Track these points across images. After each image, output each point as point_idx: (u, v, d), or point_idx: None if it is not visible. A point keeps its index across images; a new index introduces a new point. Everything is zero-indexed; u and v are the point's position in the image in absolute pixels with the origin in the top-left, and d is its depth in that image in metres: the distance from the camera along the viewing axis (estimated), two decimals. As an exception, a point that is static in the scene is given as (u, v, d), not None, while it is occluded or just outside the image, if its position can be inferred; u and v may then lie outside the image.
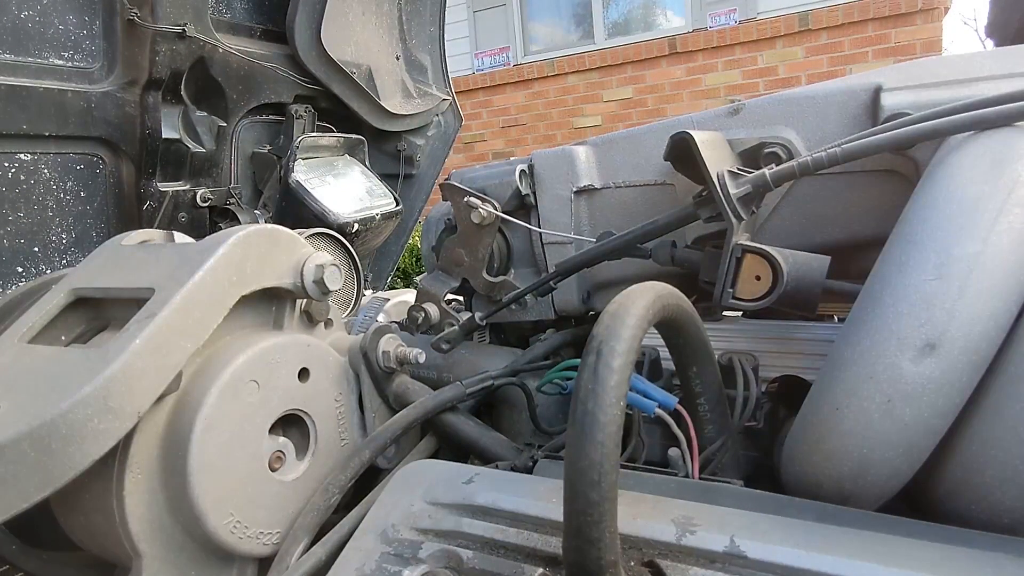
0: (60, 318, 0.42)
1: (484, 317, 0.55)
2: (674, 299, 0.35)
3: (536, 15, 6.03)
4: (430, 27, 1.19)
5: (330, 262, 0.46)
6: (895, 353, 0.36)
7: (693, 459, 0.43)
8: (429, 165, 1.23)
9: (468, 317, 0.56)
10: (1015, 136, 0.40)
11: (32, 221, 0.69)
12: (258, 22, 0.94)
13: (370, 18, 1.06)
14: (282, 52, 0.94)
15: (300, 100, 1.00)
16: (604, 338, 0.27)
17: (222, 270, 0.40)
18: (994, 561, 0.30)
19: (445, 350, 0.56)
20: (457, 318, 0.58)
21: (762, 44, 5.15)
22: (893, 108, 0.51)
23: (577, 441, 0.26)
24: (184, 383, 0.40)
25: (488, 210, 0.58)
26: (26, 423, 0.32)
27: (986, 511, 0.35)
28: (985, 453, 0.35)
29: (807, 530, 0.32)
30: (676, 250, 0.55)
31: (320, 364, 0.46)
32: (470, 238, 0.59)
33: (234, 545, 0.40)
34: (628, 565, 0.32)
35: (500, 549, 0.34)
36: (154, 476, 0.39)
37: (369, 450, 0.46)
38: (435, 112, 1.18)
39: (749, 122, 0.57)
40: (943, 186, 0.39)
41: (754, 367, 0.52)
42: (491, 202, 0.59)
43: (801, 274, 0.46)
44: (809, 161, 0.46)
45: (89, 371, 0.34)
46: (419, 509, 0.38)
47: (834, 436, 0.37)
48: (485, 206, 0.58)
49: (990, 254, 0.35)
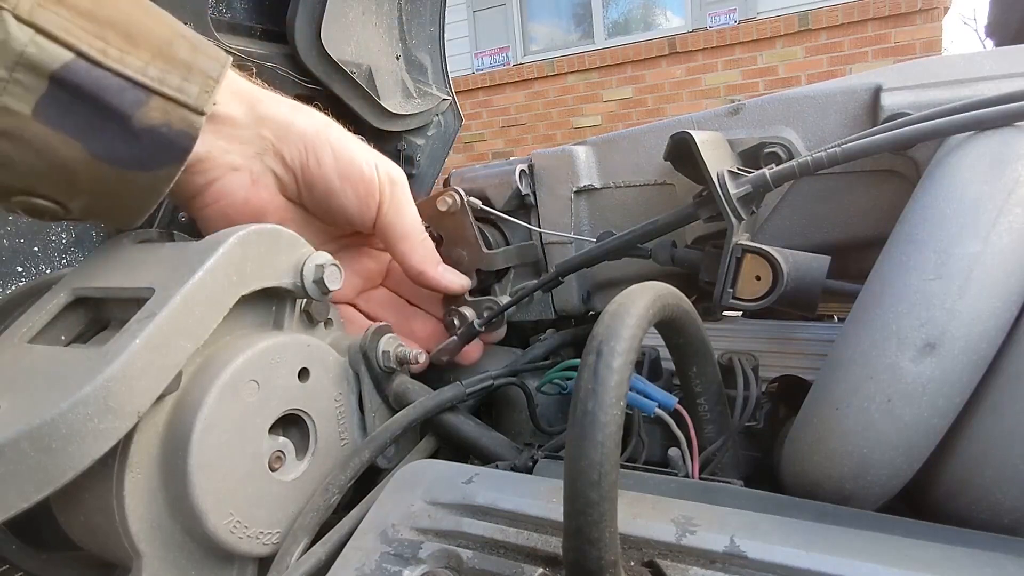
0: (60, 318, 0.42)
1: (483, 323, 0.55)
2: (674, 299, 0.35)
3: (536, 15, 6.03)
4: (430, 27, 1.19)
5: (330, 262, 0.46)
6: (895, 353, 0.36)
7: (693, 459, 0.43)
8: (429, 165, 1.23)
9: (468, 324, 0.56)
10: (1015, 136, 0.40)
11: (32, 221, 0.69)
12: (258, 22, 0.94)
13: (370, 18, 1.06)
14: (282, 52, 0.94)
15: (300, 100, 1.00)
16: (604, 338, 0.27)
17: (222, 270, 0.40)
18: (994, 561, 0.30)
19: (444, 362, 0.56)
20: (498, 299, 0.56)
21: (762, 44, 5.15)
22: (893, 108, 0.51)
23: (577, 441, 0.26)
24: (184, 383, 0.40)
25: (452, 196, 0.58)
26: (26, 423, 0.32)
27: (986, 511, 0.35)
28: (985, 453, 0.35)
29: (807, 530, 0.32)
30: (676, 250, 0.55)
31: (320, 364, 0.46)
32: (450, 231, 0.59)
33: (234, 545, 0.40)
34: (628, 565, 0.32)
35: (500, 549, 0.34)
36: (154, 476, 0.39)
37: (369, 450, 0.46)
38: (435, 112, 1.18)
39: (749, 122, 0.57)
40: (943, 186, 0.39)
41: (754, 367, 0.52)
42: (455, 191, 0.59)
43: (801, 274, 0.46)
44: (809, 161, 0.46)
45: (89, 371, 0.34)
46: (419, 509, 0.38)
47: (834, 436, 0.37)
48: (448, 192, 0.58)
49: (990, 254, 0.35)
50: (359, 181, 0.49)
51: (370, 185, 0.50)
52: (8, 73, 0.33)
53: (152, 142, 0.37)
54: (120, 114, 0.36)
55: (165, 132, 0.37)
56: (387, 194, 0.51)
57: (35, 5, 0.33)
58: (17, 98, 0.34)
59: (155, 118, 0.37)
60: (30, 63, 0.33)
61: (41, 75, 0.34)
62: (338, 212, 0.51)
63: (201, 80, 0.38)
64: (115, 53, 0.35)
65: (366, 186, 0.50)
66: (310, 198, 0.50)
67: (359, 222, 0.52)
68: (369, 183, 0.50)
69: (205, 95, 0.39)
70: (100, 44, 0.35)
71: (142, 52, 0.36)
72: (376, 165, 0.51)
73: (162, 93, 0.37)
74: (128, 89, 0.36)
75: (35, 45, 0.33)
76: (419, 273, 0.55)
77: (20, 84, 0.34)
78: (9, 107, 0.34)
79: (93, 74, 0.35)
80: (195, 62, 0.38)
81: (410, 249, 0.54)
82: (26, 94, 0.34)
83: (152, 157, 0.38)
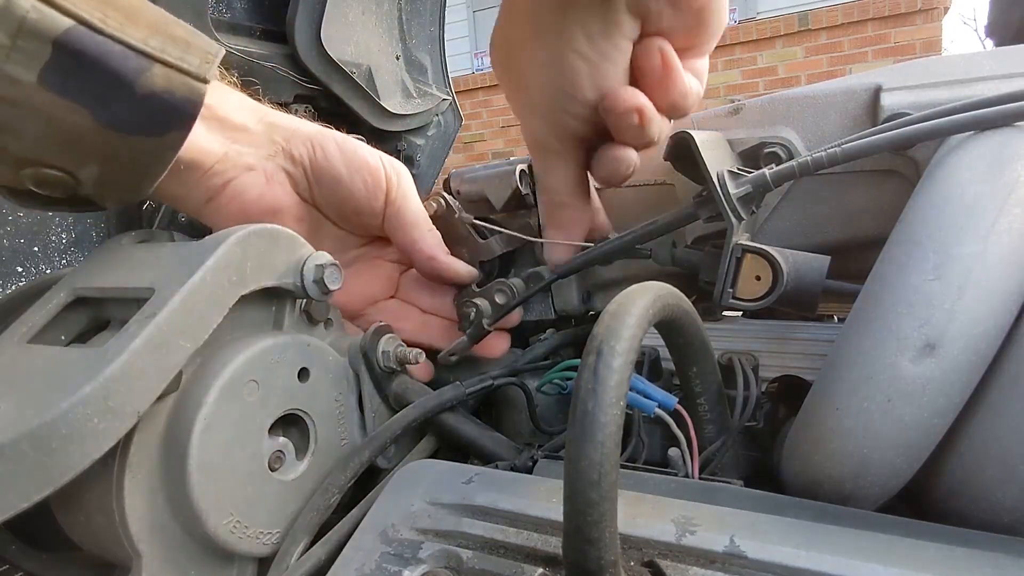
0: (60, 318, 0.42)
1: (491, 323, 0.55)
2: (674, 299, 0.35)
3: (536, 15, 5.98)
4: (430, 27, 1.19)
5: (330, 262, 0.46)
6: (895, 353, 0.36)
7: (693, 459, 0.43)
8: (429, 165, 1.23)
9: (475, 325, 0.56)
10: (1015, 136, 0.40)
11: (32, 221, 0.69)
12: (258, 22, 0.94)
13: (370, 18, 1.06)
14: (282, 52, 0.94)
15: (300, 100, 1.00)
16: (604, 338, 0.27)
17: (222, 270, 0.40)
18: (994, 561, 0.30)
19: (452, 362, 0.56)
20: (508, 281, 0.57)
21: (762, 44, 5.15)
22: (893, 108, 0.51)
23: (577, 441, 0.26)
24: (184, 383, 0.40)
25: (436, 201, 0.59)
26: (26, 423, 0.32)
27: (986, 511, 0.35)
28: (985, 453, 0.35)
29: (807, 530, 0.32)
30: (676, 250, 0.55)
31: (320, 364, 0.46)
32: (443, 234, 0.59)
33: (234, 545, 0.40)
34: (628, 565, 0.32)
35: (500, 549, 0.34)
36: (154, 476, 0.39)
37: (369, 450, 0.46)
38: (435, 112, 1.18)
39: (749, 122, 0.57)
40: (943, 186, 0.39)
41: (754, 367, 0.52)
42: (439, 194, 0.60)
43: (801, 274, 0.46)
44: (809, 161, 0.46)
45: (89, 371, 0.34)
46: (419, 509, 0.38)
47: (834, 436, 0.37)
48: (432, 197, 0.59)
49: (990, 254, 0.35)
50: (366, 170, 0.51)
51: (376, 173, 0.52)
52: (11, 40, 0.33)
53: (156, 107, 0.38)
54: (124, 80, 0.36)
55: (168, 98, 0.38)
56: (394, 183, 0.53)
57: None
58: (22, 66, 0.34)
59: (158, 84, 0.38)
60: (33, 29, 0.34)
61: (44, 41, 0.34)
62: (348, 203, 0.52)
63: (201, 54, 0.39)
64: (115, 24, 0.36)
65: (373, 174, 0.52)
66: (320, 193, 0.52)
67: (368, 211, 0.54)
68: (376, 171, 0.52)
69: (206, 65, 0.39)
70: (100, 15, 0.35)
71: (141, 27, 0.37)
72: (380, 156, 0.54)
73: (164, 61, 0.38)
74: (131, 56, 0.36)
75: (37, 11, 0.33)
76: (429, 259, 0.55)
77: (24, 51, 0.34)
78: (14, 75, 0.34)
79: (96, 39, 0.35)
80: (193, 40, 0.39)
81: (420, 236, 0.55)
82: (31, 61, 0.34)
83: (157, 123, 0.39)
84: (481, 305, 0.56)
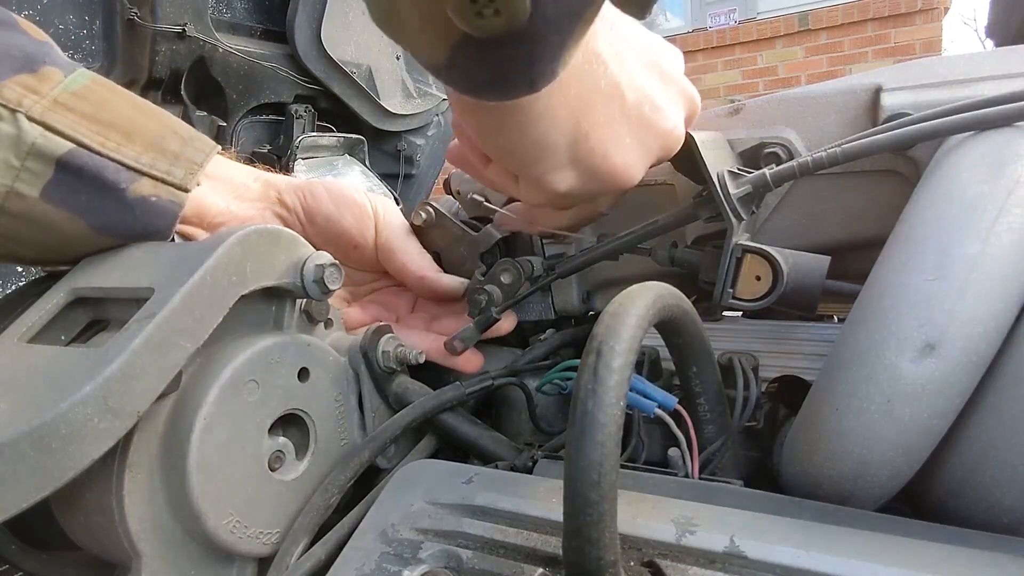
0: (60, 318, 0.42)
1: (500, 311, 0.55)
2: (674, 299, 0.35)
3: (536, 15, 5.98)
4: (430, 27, 1.19)
5: (330, 262, 0.46)
6: (895, 353, 0.35)
7: (693, 459, 0.43)
8: (429, 165, 1.23)
9: (483, 314, 0.56)
10: (1015, 136, 0.40)
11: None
12: (258, 22, 0.94)
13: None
14: (282, 52, 0.94)
15: (300, 100, 1.00)
16: (604, 338, 0.27)
17: (222, 270, 0.40)
18: (994, 561, 0.30)
19: (458, 349, 0.55)
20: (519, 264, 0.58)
21: (762, 44, 5.15)
22: (893, 108, 0.51)
23: (577, 441, 0.26)
24: (184, 383, 0.40)
25: (424, 210, 0.60)
26: (26, 423, 0.32)
27: (986, 511, 0.35)
28: (985, 453, 0.35)
29: (807, 530, 0.32)
30: (676, 250, 0.55)
31: (320, 364, 0.46)
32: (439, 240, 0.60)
33: (234, 545, 0.40)
34: (628, 565, 0.32)
35: (500, 549, 0.34)
36: (154, 476, 0.39)
37: (369, 450, 0.46)
38: (435, 112, 1.18)
39: (749, 122, 0.57)
40: (943, 186, 0.39)
41: (754, 367, 0.52)
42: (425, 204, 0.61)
43: (801, 274, 0.46)
44: (809, 161, 0.46)
45: (89, 371, 0.34)
46: (419, 509, 0.38)
47: (834, 436, 0.37)
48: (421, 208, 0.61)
49: (990, 254, 0.35)
50: (353, 205, 0.56)
51: (363, 208, 0.57)
52: (20, 162, 0.40)
53: (144, 211, 0.44)
54: (116, 188, 0.42)
55: (155, 202, 0.44)
56: (380, 213, 0.58)
57: (45, 109, 0.40)
58: (28, 184, 0.40)
59: (146, 191, 0.44)
60: (39, 152, 0.40)
61: (48, 161, 0.40)
62: (343, 238, 0.57)
63: (187, 165, 0.46)
64: (113, 145, 0.42)
65: (360, 209, 0.57)
66: (315, 232, 0.56)
67: (361, 242, 0.57)
68: (362, 206, 0.57)
69: (189, 176, 0.46)
70: (100, 139, 0.42)
71: (136, 145, 0.43)
72: (364, 192, 0.59)
73: (151, 175, 0.44)
74: (123, 170, 0.43)
75: (44, 138, 0.40)
76: (419, 279, 0.59)
77: (30, 171, 0.40)
78: (21, 192, 0.40)
79: (94, 159, 0.41)
80: (183, 152, 0.46)
81: (409, 260, 0.59)
82: (35, 179, 0.40)
83: (144, 225, 0.44)
84: (492, 292, 0.57)
